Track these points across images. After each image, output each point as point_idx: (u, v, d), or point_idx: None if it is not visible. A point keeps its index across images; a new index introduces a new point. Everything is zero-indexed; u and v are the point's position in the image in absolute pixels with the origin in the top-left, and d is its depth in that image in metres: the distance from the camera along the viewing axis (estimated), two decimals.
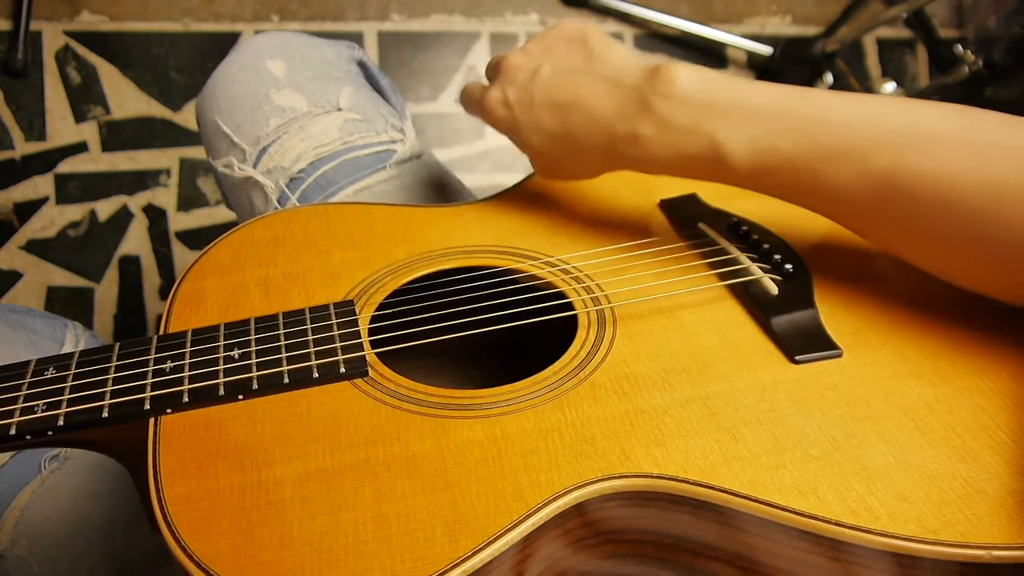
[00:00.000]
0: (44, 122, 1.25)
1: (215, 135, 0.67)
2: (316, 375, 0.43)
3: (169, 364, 0.43)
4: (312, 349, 0.44)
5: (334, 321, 0.46)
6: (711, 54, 1.49)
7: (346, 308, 0.47)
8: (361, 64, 0.74)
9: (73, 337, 0.70)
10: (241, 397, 0.42)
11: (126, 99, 1.28)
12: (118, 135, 1.27)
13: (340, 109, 0.67)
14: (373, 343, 0.46)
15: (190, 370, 0.43)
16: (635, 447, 0.39)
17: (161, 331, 0.46)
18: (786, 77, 1.45)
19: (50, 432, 0.40)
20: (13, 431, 0.40)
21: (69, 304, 1.21)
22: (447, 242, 0.54)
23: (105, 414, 0.40)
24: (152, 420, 0.41)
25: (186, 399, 0.41)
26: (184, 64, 1.31)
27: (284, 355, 0.44)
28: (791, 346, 0.45)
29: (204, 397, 0.41)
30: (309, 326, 0.46)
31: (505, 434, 0.40)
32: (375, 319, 0.48)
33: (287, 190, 0.64)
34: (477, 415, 0.41)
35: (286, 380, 0.42)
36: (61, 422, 0.40)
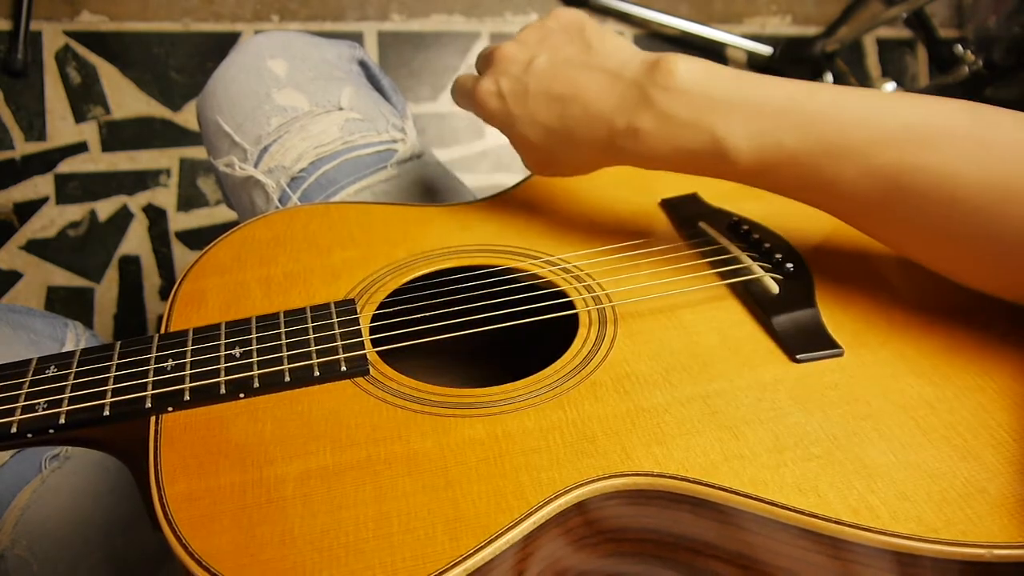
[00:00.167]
0: (44, 122, 1.25)
1: (216, 135, 0.67)
2: (317, 374, 0.43)
3: (170, 363, 0.43)
4: (313, 348, 0.44)
5: (335, 320, 0.46)
6: (711, 54, 1.49)
7: (347, 307, 0.47)
8: (362, 64, 0.75)
9: (73, 337, 0.70)
10: (242, 395, 0.42)
11: (126, 99, 1.28)
12: (118, 135, 1.27)
13: (341, 108, 0.67)
14: (374, 342, 0.46)
15: (191, 368, 0.43)
16: (636, 445, 0.39)
17: (162, 330, 0.46)
18: (786, 77, 1.44)
19: (51, 430, 0.40)
20: (14, 429, 0.40)
21: (69, 304, 1.21)
22: (448, 241, 0.54)
23: (106, 412, 0.41)
24: (153, 418, 0.41)
25: (187, 397, 0.41)
26: (184, 64, 1.31)
27: (285, 354, 0.44)
28: (792, 345, 0.45)
29: (205, 395, 0.41)
30: (310, 325, 0.46)
31: (506, 432, 0.40)
32: (376, 318, 0.48)
33: (288, 189, 0.64)
34: (478, 413, 0.41)
35: (287, 379, 0.42)
36: (62, 420, 0.40)
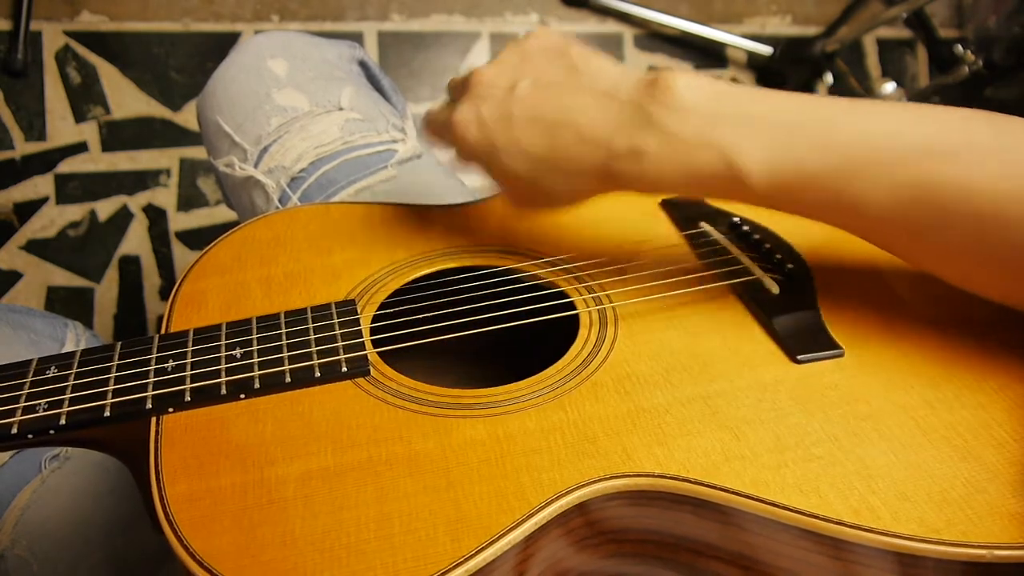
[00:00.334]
0: (44, 122, 1.25)
1: (216, 135, 0.67)
2: (318, 374, 0.43)
3: (171, 363, 0.43)
4: (314, 348, 0.44)
5: (336, 320, 0.46)
6: (711, 54, 1.49)
7: (348, 307, 0.47)
8: (362, 64, 0.75)
9: (74, 337, 0.70)
10: (243, 396, 0.42)
11: (126, 99, 1.28)
12: (118, 135, 1.27)
13: (341, 109, 0.67)
14: (375, 342, 0.46)
15: (192, 369, 0.43)
16: (637, 446, 0.39)
17: (163, 331, 0.46)
18: (786, 77, 1.45)
19: (52, 431, 0.40)
20: (15, 430, 0.40)
21: (69, 304, 1.21)
22: (448, 242, 0.54)
23: (107, 413, 0.40)
24: (154, 419, 0.41)
25: (188, 398, 0.41)
26: (184, 64, 1.31)
27: (286, 354, 0.44)
28: (792, 346, 0.45)
29: (206, 396, 0.41)
30: (311, 325, 0.46)
31: (507, 433, 0.40)
32: (377, 318, 0.48)
33: (288, 190, 0.64)
34: (479, 414, 0.41)
35: (288, 379, 0.42)
36: (63, 421, 0.40)
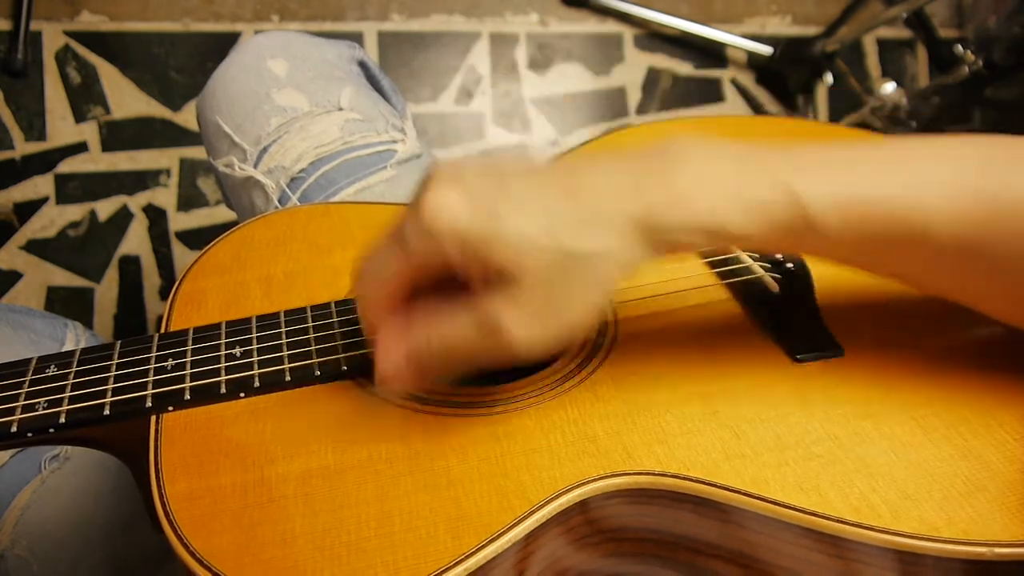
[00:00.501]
0: (44, 122, 1.25)
1: (216, 135, 0.67)
2: (318, 373, 0.43)
3: (171, 362, 0.43)
4: (314, 347, 0.44)
5: (335, 320, 0.46)
6: (711, 54, 1.49)
7: (348, 307, 0.47)
8: (362, 64, 0.74)
9: (73, 337, 0.70)
10: (243, 395, 0.42)
11: (126, 99, 1.28)
12: (118, 135, 1.27)
13: (341, 109, 0.67)
14: None
15: (191, 368, 0.43)
16: (637, 444, 0.39)
17: (162, 330, 0.46)
18: (786, 77, 1.45)
19: (51, 430, 0.40)
20: (14, 428, 0.40)
21: (69, 304, 1.20)
22: None
23: (107, 412, 0.40)
24: (154, 418, 0.41)
25: (188, 397, 0.41)
26: (184, 64, 1.31)
27: (286, 353, 0.44)
28: (792, 345, 0.45)
29: (206, 395, 0.41)
30: (311, 324, 0.46)
31: (508, 432, 0.40)
32: None
33: (288, 190, 0.64)
34: (479, 413, 0.41)
35: (288, 378, 0.42)
36: (62, 420, 0.40)
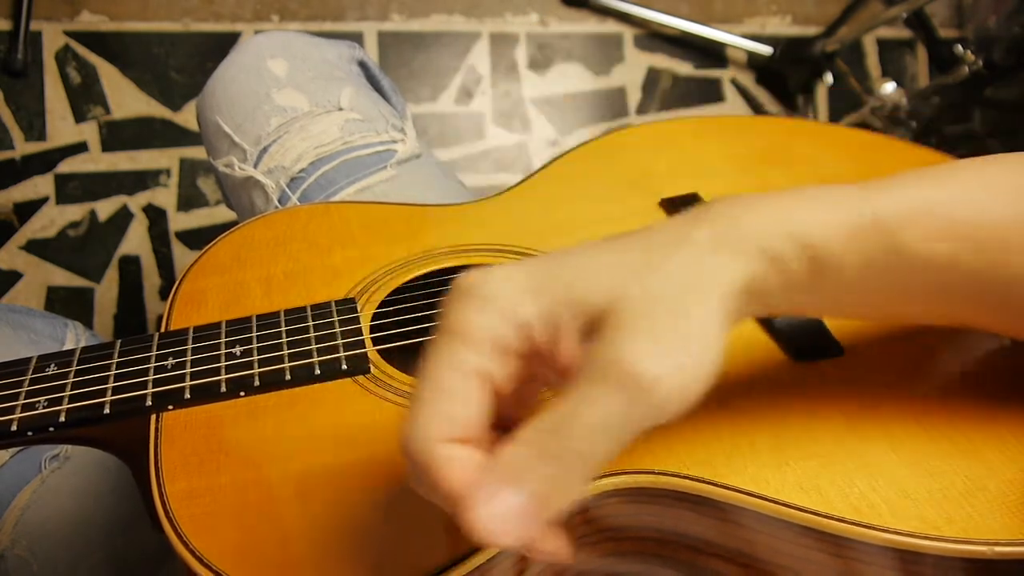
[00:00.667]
0: (44, 122, 1.25)
1: (216, 135, 0.67)
2: (318, 372, 0.43)
3: (171, 361, 0.43)
4: (314, 346, 0.44)
5: (336, 319, 0.46)
6: (711, 54, 1.49)
7: (348, 306, 0.47)
8: (362, 64, 0.74)
9: (74, 337, 0.70)
10: (243, 394, 0.42)
11: (126, 99, 1.28)
12: (118, 135, 1.27)
13: (341, 109, 0.67)
14: (375, 340, 0.46)
15: (192, 367, 0.43)
16: (637, 443, 0.39)
17: (162, 329, 0.46)
18: (786, 77, 1.45)
19: (51, 428, 0.40)
20: (14, 427, 0.40)
21: (69, 304, 1.20)
22: (447, 241, 0.54)
23: (107, 410, 0.40)
24: (154, 417, 0.41)
25: (188, 396, 0.41)
26: (184, 64, 1.31)
27: (286, 352, 0.44)
28: (793, 345, 0.45)
29: (206, 394, 0.41)
30: (311, 323, 0.46)
31: None
32: (377, 317, 0.48)
33: (288, 190, 0.64)
34: None
35: (288, 377, 0.42)
36: (62, 418, 0.40)
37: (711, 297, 0.29)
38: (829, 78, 1.43)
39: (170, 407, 0.41)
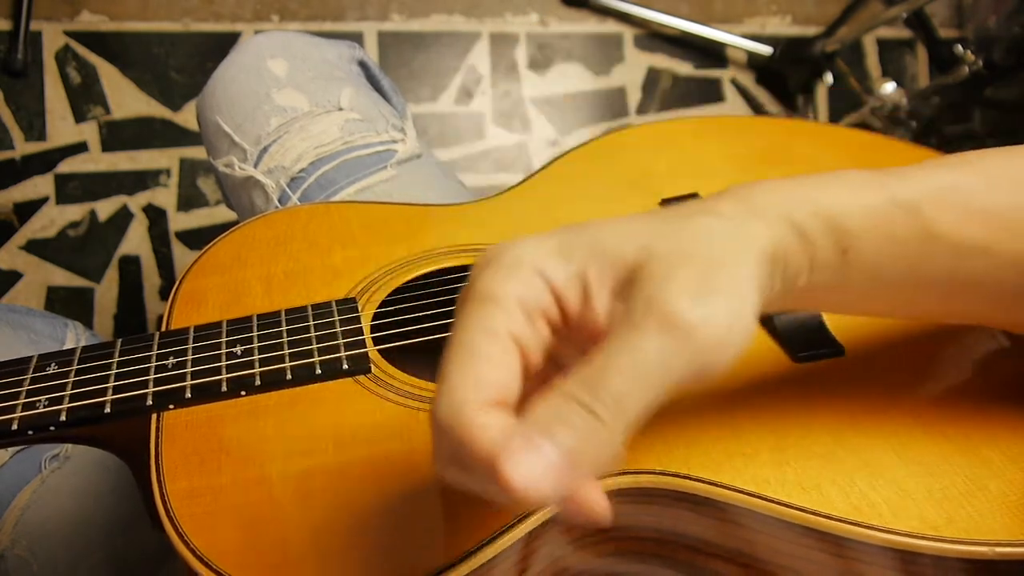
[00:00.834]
0: (44, 122, 1.25)
1: (216, 135, 0.67)
2: (319, 372, 0.43)
3: (171, 360, 0.43)
4: (315, 346, 0.44)
5: (336, 318, 0.46)
6: (711, 54, 1.49)
7: (348, 305, 0.47)
8: (362, 64, 0.75)
9: (74, 337, 0.70)
10: (243, 393, 0.42)
11: (126, 99, 1.28)
12: (118, 135, 1.27)
13: (341, 109, 0.67)
14: (375, 340, 0.46)
15: (192, 366, 0.43)
16: (637, 443, 0.39)
17: (163, 329, 0.46)
18: (786, 77, 1.45)
19: (52, 427, 0.40)
20: (15, 426, 0.40)
21: (69, 304, 1.20)
22: (448, 240, 0.54)
23: (107, 410, 0.40)
24: (154, 416, 0.41)
25: (188, 395, 0.41)
26: (184, 64, 1.31)
27: (287, 351, 0.44)
28: (793, 345, 0.45)
29: (206, 393, 0.41)
30: (311, 323, 0.46)
31: None
32: (377, 316, 0.48)
33: (288, 190, 0.64)
34: None
35: (288, 376, 0.42)
36: (63, 417, 0.40)
37: (747, 256, 0.29)
38: (829, 78, 1.43)
39: (171, 406, 0.41)
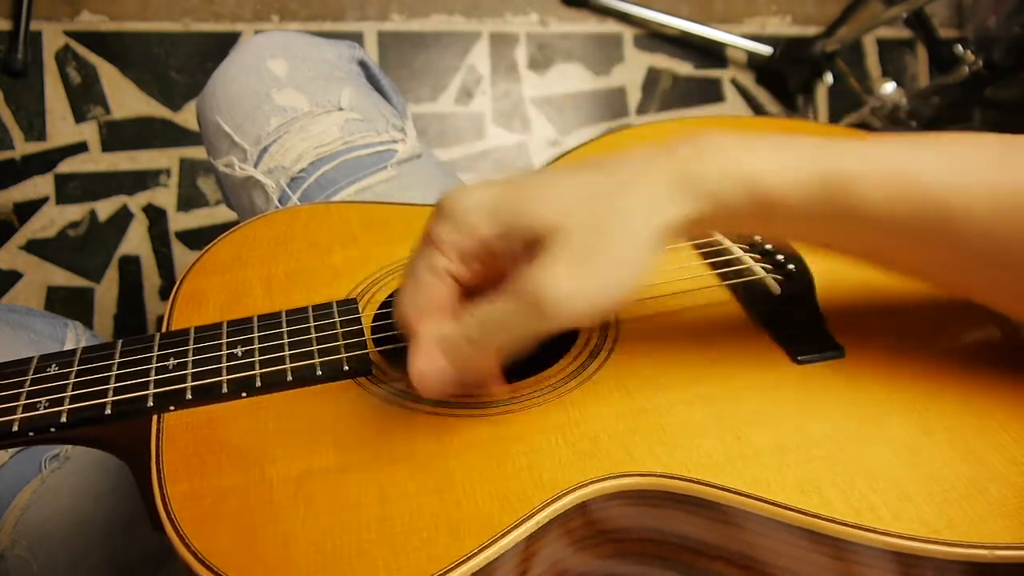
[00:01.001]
0: (44, 122, 1.25)
1: (216, 135, 0.67)
2: (319, 373, 0.43)
3: (172, 361, 0.43)
4: (315, 347, 0.44)
5: (337, 319, 0.46)
6: (711, 54, 1.49)
7: (349, 306, 0.47)
8: (362, 64, 0.74)
9: (74, 337, 0.70)
10: (244, 395, 0.42)
11: (126, 99, 1.28)
12: (118, 135, 1.27)
13: (341, 109, 0.67)
14: (376, 341, 0.46)
15: (193, 367, 0.43)
16: (638, 446, 0.39)
17: (163, 329, 0.46)
18: (786, 77, 1.45)
19: (53, 429, 0.40)
20: (16, 428, 0.40)
21: (69, 304, 1.20)
22: None
23: (108, 411, 0.40)
24: (155, 417, 0.41)
25: (189, 396, 0.41)
26: (184, 64, 1.31)
27: (287, 353, 0.44)
28: (793, 346, 0.45)
29: (207, 395, 0.41)
30: (312, 324, 0.46)
31: (509, 433, 0.40)
32: (378, 317, 0.48)
33: (288, 190, 0.64)
34: (481, 414, 0.41)
35: (289, 378, 0.42)
36: (64, 419, 0.40)
37: (649, 226, 0.36)
38: (829, 78, 1.43)
39: (171, 408, 0.41)
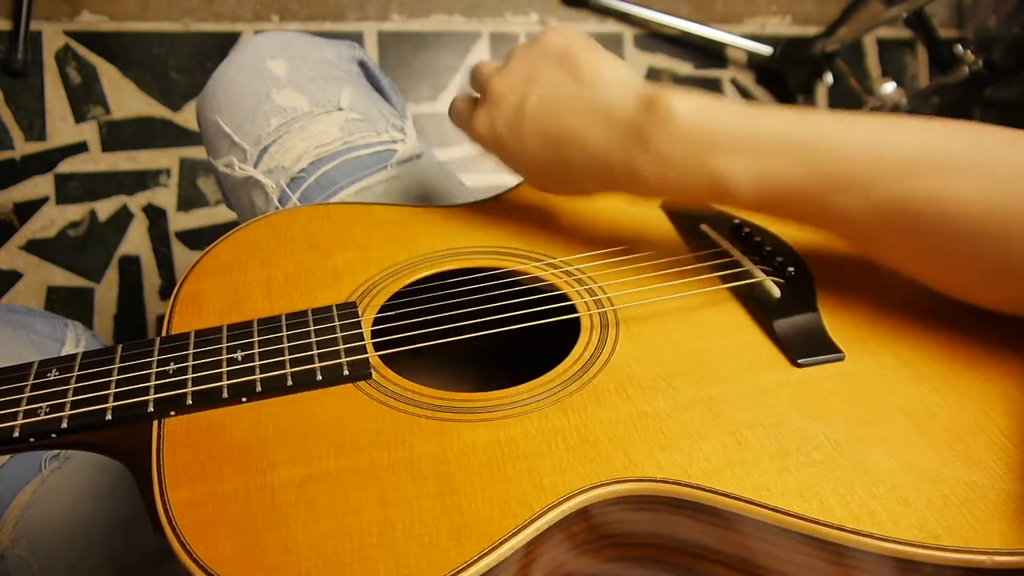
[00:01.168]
0: (44, 122, 1.25)
1: (216, 135, 0.67)
2: (319, 377, 0.43)
3: (172, 366, 0.43)
4: (315, 351, 0.44)
5: (337, 323, 0.46)
6: (711, 54, 1.49)
7: (349, 310, 0.47)
8: (362, 64, 0.74)
9: (74, 337, 0.70)
10: (245, 399, 0.42)
11: (126, 99, 1.28)
12: (118, 135, 1.27)
13: (341, 109, 0.67)
14: (376, 345, 0.46)
15: (193, 372, 0.43)
16: (639, 450, 0.39)
17: (163, 332, 0.46)
18: (786, 77, 1.44)
19: (53, 435, 0.40)
20: (16, 433, 0.40)
21: (69, 304, 1.20)
22: (449, 243, 0.54)
23: (108, 417, 0.40)
24: (155, 423, 0.40)
25: (189, 401, 0.41)
26: (184, 64, 1.31)
27: (287, 357, 0.44)
28: (793, 349, 0.45)
29: (208, 400, 0.41)
30: (312, 328, 0.46)
31: (509, 438, 0.40)
32: (378, 321, 0.48)
33: (288, 190, 0.64)
34: (481, 418, 0.41)
35: (289, 382, 0.42)
36: (64, 424, 0.40)
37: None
38: (829, 78, 1.43)
39: (172, 413, 0.41)
